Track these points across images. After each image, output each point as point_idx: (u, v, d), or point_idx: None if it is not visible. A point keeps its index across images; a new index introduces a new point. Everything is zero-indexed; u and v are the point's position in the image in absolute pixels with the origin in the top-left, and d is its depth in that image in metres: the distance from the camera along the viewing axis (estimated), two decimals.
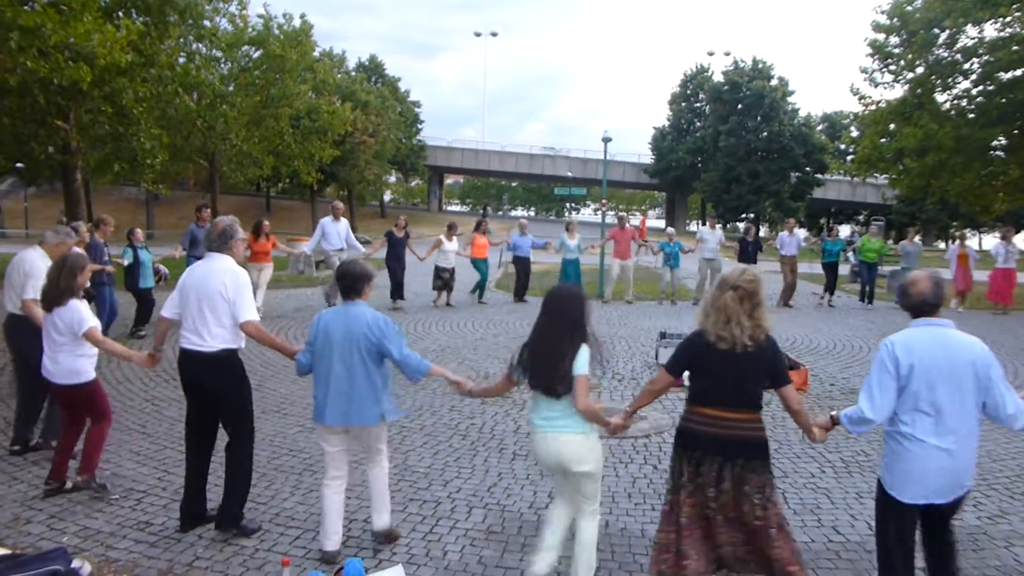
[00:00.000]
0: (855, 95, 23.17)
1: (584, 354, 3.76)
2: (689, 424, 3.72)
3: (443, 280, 15.04)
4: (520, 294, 16.22)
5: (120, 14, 16.71)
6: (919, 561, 3.64)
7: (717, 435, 3.60)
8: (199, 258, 11.27)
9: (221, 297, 4.50)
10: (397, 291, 14.62)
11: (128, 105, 16.94)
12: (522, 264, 16.20)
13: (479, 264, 15.76)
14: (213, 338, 4.51)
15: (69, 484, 5.27)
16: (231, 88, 25.91)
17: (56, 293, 5.09)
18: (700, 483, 3.63)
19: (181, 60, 21.53)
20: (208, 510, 4.77)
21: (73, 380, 5.15)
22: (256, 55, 27.11)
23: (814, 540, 4.73)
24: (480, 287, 15.89)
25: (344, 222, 14.00)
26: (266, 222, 13.42)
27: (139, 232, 11.30)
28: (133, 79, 16.99)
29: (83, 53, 13.85)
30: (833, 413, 3.76)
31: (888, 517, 3.61)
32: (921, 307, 3.56)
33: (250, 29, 26.86)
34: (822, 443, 4.04)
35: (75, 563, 3.99)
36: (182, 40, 21.49)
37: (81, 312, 5.09)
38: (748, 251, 16.28)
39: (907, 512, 3.52)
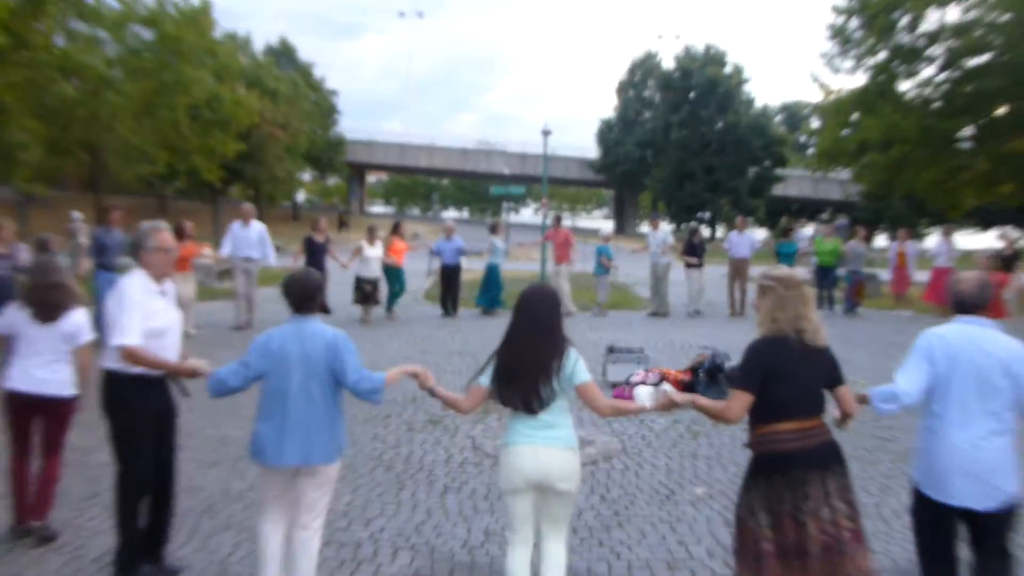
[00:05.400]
0: (815, 82, 23.85)
1: (578, 359, 3.88)
2: (775, 446, 3.63)
3: (364, 292, 14.57)
4: (448, 307, 15.89)
5: None
6: None
7: (808, 447, 3.59)
8: (108, 267, 10.84)
9: None
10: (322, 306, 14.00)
11: None
12: (449, 273, 15.85)
13: (393, 272, 15.18)
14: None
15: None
16: (118, 73, 25.23)
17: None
18: (810, 507, 3.49)
19: (59, 42, 20.86)
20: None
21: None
22: (148, 36, 26.50)
23: None
24: (394, 297, 15.40)
25: (258, 226, 13.67)
26: (188, 223, 12.78)
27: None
28: (3, 63, 16.41)
29: None
30: (864, 392, 3.91)
31: (923, 522, 3.93)
32: (961, 304, 3.94)
33: (140, 7, 26.26)
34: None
35: None
36: (60, 19, 20.81)
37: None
38: (695, 254, 16.14)
39: (943, 515, 3.77)
